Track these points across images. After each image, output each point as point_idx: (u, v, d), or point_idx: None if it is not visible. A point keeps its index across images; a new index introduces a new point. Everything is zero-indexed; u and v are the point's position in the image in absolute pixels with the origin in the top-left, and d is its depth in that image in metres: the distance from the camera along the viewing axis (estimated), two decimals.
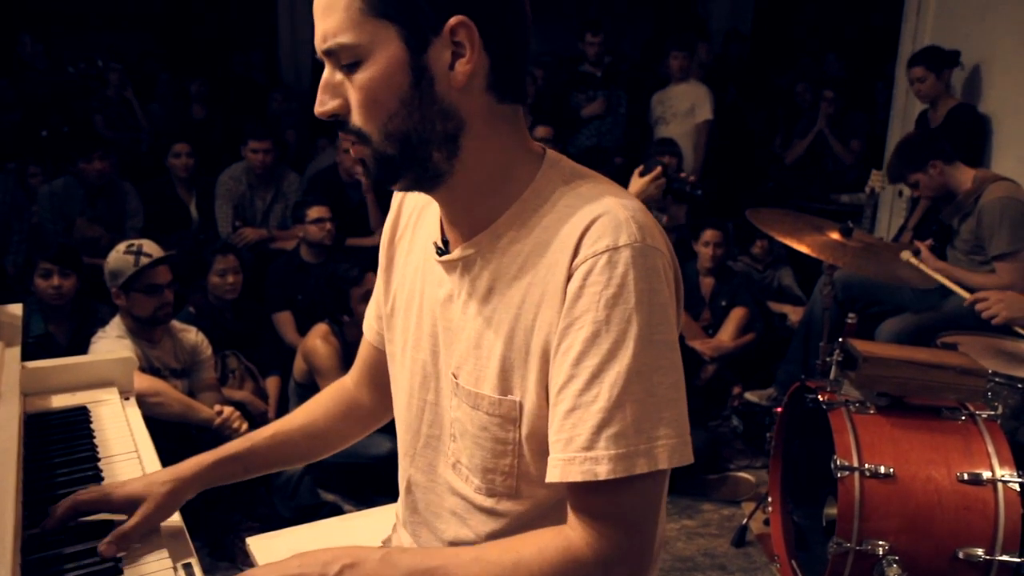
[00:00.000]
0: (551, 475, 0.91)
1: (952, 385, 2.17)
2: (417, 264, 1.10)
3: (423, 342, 1.07)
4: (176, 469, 1.16)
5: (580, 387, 0.89)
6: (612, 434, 0.87)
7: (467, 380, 1.00)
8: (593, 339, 0.88)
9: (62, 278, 3.03)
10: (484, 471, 1.01)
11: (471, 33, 0.88)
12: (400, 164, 0.94)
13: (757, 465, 3.25)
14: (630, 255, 0.88)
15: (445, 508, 1.09)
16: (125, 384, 1.66)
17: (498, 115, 0.94)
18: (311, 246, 3.81)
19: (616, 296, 0.88)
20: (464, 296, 1.00)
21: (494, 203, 0.97)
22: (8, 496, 0.94)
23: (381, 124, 0.91)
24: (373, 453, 2.80)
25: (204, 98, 5.90)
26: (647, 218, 0.93)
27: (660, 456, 0.88)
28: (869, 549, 2.08)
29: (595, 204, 0.93)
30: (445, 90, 0.90)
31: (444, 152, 0.93)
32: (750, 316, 3.83)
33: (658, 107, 5.25)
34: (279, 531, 1.65)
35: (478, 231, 0.98)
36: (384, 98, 0.90)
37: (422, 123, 0.91)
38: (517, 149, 0.98)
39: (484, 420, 0.99)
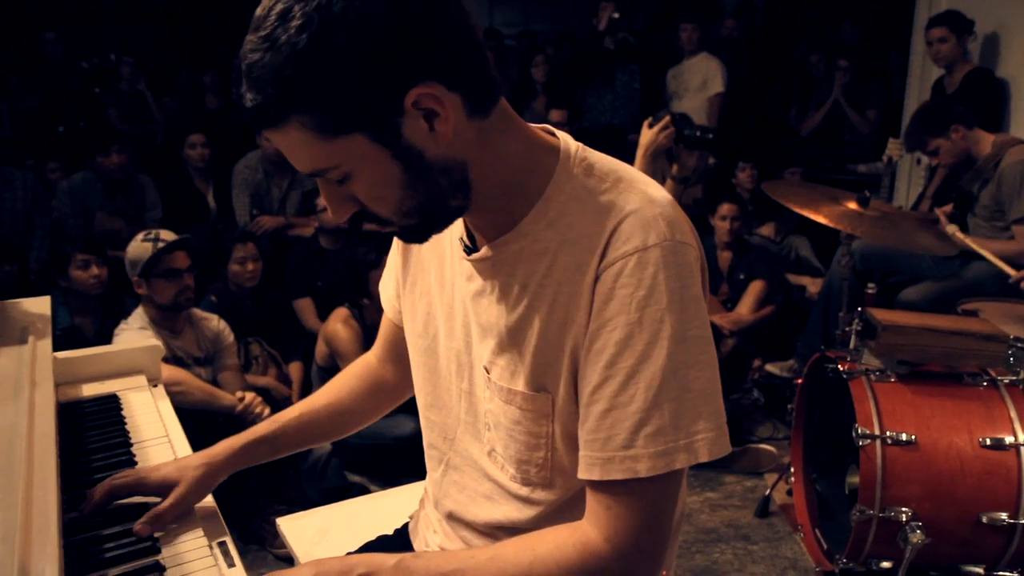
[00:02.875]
0: (588, 472, 0.92)
1: (973, 351, 2.17)
2: (442, 252, 1.09)
3: (456, 331, 1.07)
4: (208, 453, 1.19)
5: (615, 389, 0.89)
6: (650, 432, 0.88)
7: (500, 376, 1.01)
8: (627, 341, 0.88)
9: (99, 267, 3.11)
10: (519, 462, 1.02)
11: (434, 93, 0.83)
12: (427, 226, 0.94)
13: (779, 436, 3.26)
14: (660, 255, 0.88)
15: (480, 492, 1.10)
16: (153, 371, 1.70)
17: (489, 129, 0.91)
18: (328, 233, 3.84)
19: (647, 297, 0.88)
20: (496, 294, 1.00)
21: (516, 204, 0.96)
22: (50, 479, 0.97)
23: (395, 209, 0.90)
24: (397, 434, 2.84)
25: (218, 88, 5.92)
26: (675, 211, 0.93)
27: (700, 450, 0.89)
28: (892, 516, 2.09)
29: (622, 202, 0.92)
30: (435, 152, 0.87)
31: (459, 196, 0.92)
32: (768, 289, 3.83)
33: (672, 82, 5.23)
34: (309, 511, 1.68)
35: (504, 231, 0.97)
36: (387, 193, 0.89)
37: (429, 191, 0.89)
38: (525, 149, 0.95)
39: (517, 415, 0.99)
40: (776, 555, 2.54)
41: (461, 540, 1.15)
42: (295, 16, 0.79)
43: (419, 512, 1.32)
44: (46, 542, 0.84)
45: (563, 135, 1.00)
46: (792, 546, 2.59)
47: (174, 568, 1.04)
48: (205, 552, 1.08)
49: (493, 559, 0.92)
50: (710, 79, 5.08)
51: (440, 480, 1.16)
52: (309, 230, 4.11)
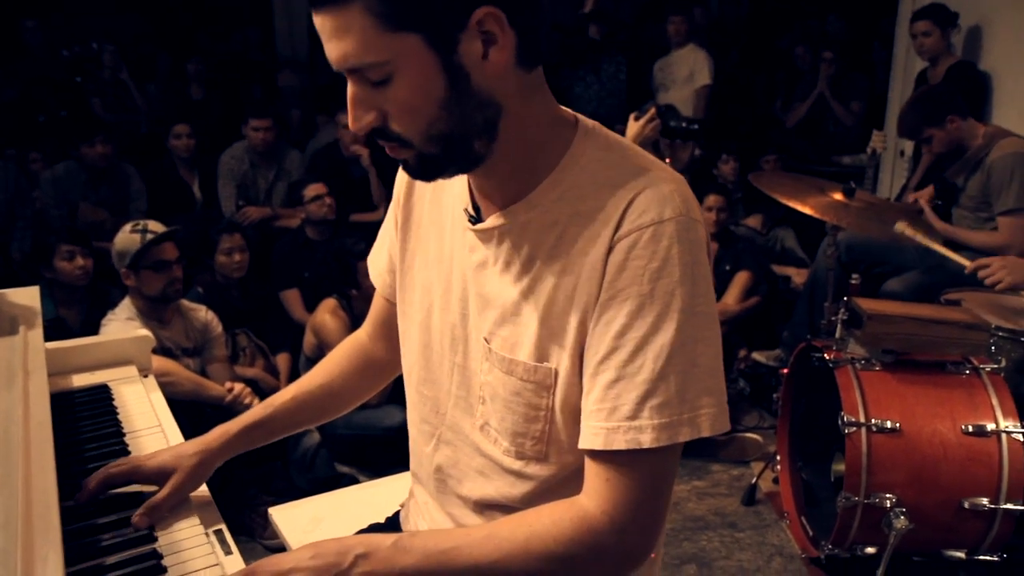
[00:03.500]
0: (590, 442, 0.92)
1: (956, 340, 2.20)
2: (442, 225, 1.09)
3: (452, 304, 1.07)
4: (203, 440, 1.19)
5: (624, 358, 0.90)
6: (656, 404, 0.88)
7: (501, 346, 1.01)
8: (638, 311, 0.89)
9: (84, 258, 3.09)
10: (514, 435, 1.02)
11: (499, 20, 0.85)
12: (444, 161, 0.93)
13: (764, 425, 3.29)
14: (675, 228, 0.89)
15: (472, 467, 1.10)
16: (143, 362, 1.69)
17: (528, 86, 0.93)
18: (315, 224, 3.83)
19: (660, 269, 0.88)
20: (501, 264, 1.00)
21: (530, 174, 0.96)
22: (48, 466, 0.97)
23: (423, 130, 0.89)
24: (386, 424, 2.85)
25: (201, 78, 5.88)
26: (688, 190, 0.94)
27: (703, 424, 0.90)
28: (877, 502, 2.12)
29: (638, 177, 0.93)
30: (481, 81, 0.87)
31: (484, 139, 0.92)
32: (754, 280, 3.85)
33: (659, 74, 5.25)
34: (301, 500, 1.68)
35: (513, 201, 0.97)
36: (423, 106, 0.87)
37: (463, 119, 0.89)
38: (550, 119, 0.97)
39: (518, 386, 1.00)
40: (762, 542, 2.57)
41: (451, 517, 1.15)
42: None
43: (409, 500, 1.33)
44: (48, 529, 0.85)
45: (581, 116, 1.01)
46: (778, 533, 2.62)
47: (171, 556, 1.05)
48: (202, 540, 1.09)
49: (489, 536, 0.93)
50: (697, 71, 5.10)
51: (432, 454, 1.16)
52: (295, 221, 4.10)
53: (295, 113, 5.88)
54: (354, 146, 4.31)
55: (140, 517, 1.09)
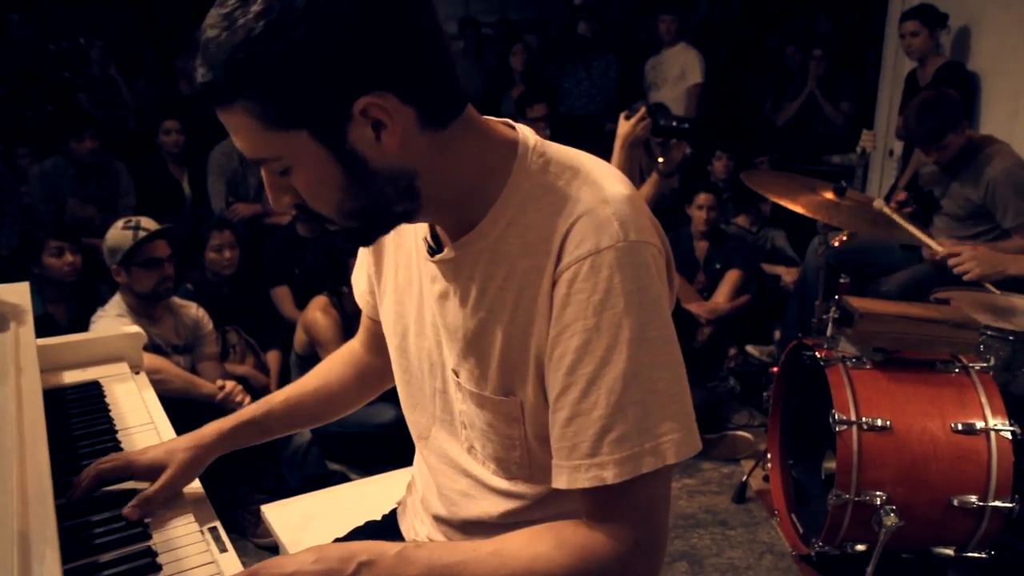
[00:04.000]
0: (558, 482, 0.91)
1: (946, 339, 2.22)
2: (410, 250, 1.07)
3: (427, 331, 1.06)
4: (196, 435, 1.19)
5: (577, 396, 0.88)
6: (615, 439, 0.87)
7: (467, 380, 1.00)
8: (585, 347, 0.87)
9: (73, 255, 3.07)
10: (497, 459, 1.03)
11: (384, 105, 0.81)
12: (369, 230, 0.93)
13: (755, 424, 3.31)
14: (614, 257, 0.86)
15: (456, 491, 1.10)
16: (135, 358, 1.68)
17: (445, 141, 0.89)
18: None
19: (603, 301, 0.86)
20: (459, 296, 0.98)
21: (476, 205, 0.93)
22: (43, 463, 0.96)
23: (335, 209, 0.88)
24: (377, 421, 2.84)
25: (190, 73, 5.83)
26: (631, 208, 0.90)
27: (667, 452, 0.87)
28: (867, 500, 2.13)
29: (574, 203, 0.89)
30: (380, 161, 0.85)
31: (406, 202, 0.90)
32: (744, 278, 3.87)
33: (651, 72, 5.26)
34: (293, 498, 1.68)
35: (466, 230, 0.95)
36: (326, 193, 0.87)
37: (373, 196, 0.87)
38: (483, 152, 0.93)
39: (489, 417, 0.99)
40: (753, 540, 2.58)
41: (443, 534, 1.16)
42: (257, 1, 0.77)
43: (407, 499, 1.32)
44: (44, 526, 0.84)
45: (523, 129, 0.97)
46: (769, 531, 2.63)
47: (166, 554, 1.04)
48: (197, 537, 1.08)
49: (496, 553, 0.91)
50: (688, 70, 5.11)
51: (423, 475, 1.17)
52: (286, 218, 4.07)
53: None
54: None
55: (132, 509, 1.08)
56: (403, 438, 1.24)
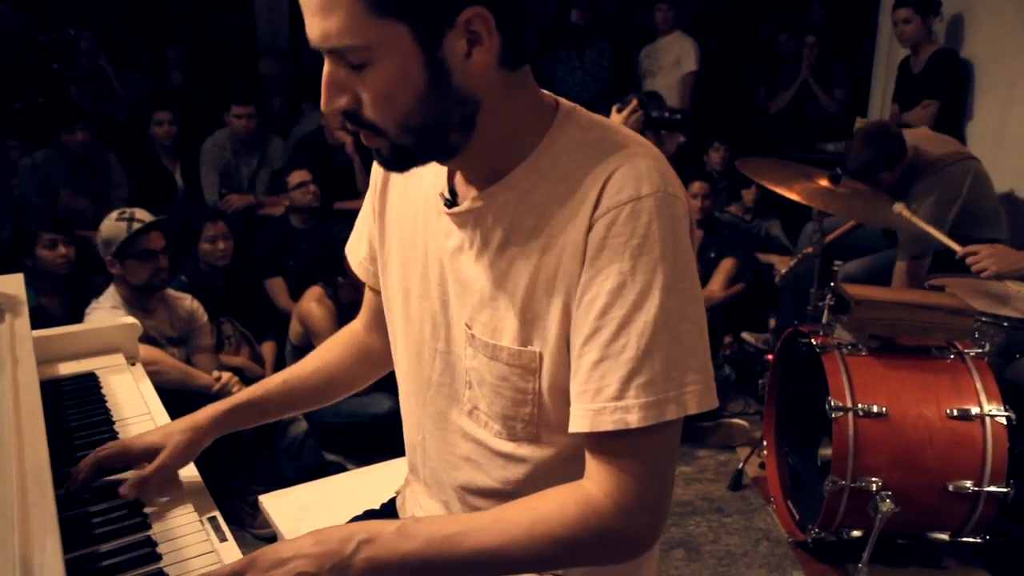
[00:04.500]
0: (578, 425, 0.91)
1: (941, 325, 2.23)
2: (416, 212, 1.08)
3: (431, 291, 1.06)
4: (192, 418, 1.19)
5: (608, 338, 0.89)
6: (642, 383, 0.87)
7: (482, 331, 1.00)
8: (619, 290, 0.88)
9: (66, 247, 3.06)
10: (504, 418, 1.02)
11: (487, 21, 0.84)
12: (417, 152, 0.92)
13: (750, 411, 3.32)
14: (653, 204, 0.88)
15: (457, 455, 1.09)
16: (130, 350, 1.68)
17: (510, 84, 0.92)
18: (299, 211, 3.80)
19: (641, 246, 0.87)
20: (477, 248, 0.99)
21: (508, 157, 0.96)
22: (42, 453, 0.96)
23: (398, 120, 0.88)
24: (373, 412, 2.84)
25: (182, 64, 5.80)
26: (667, 166, 0.93)
27: (689, 402, 0.88)
28: (863, 486, 2.14)
29: (615, 154, 0.92)
30: (462, 79, 0.87)
31: (460, 133, 0.91)
32: (739, 266, 3.87)
33: (645, 60, 5.25)
34: (291, 488, 1.67)
35: (491, 182, 0.96)
36: (400, 96, 0.86)
37: (440, 114, 0.88)
38: (530, 106, 0.96)
39: (504, 370, 0.99)
40: (749, 526, 2.60)
41: (444, 506, 1.15)
42: None
43: (405, 488, 1.32)
44: (44, 516, 0.83)
45: (562, 99, 1.00)
46: (765, 517, 2.64)
47: (166, 543, 1.04)
48: (196, 527, 1.08)
49: (495, 521, 0.91)
50: (683, 58, 5.10)
51: (422, 443, 1.16)
52: (279, 209, 4.06)
53: (277, 100, 5.82)
54: (339, 132, 4.28)
55: (128, 488, 1.08)
56: (398, 428, 1.23)
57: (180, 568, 1.00)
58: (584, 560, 0.94)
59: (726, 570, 2.39)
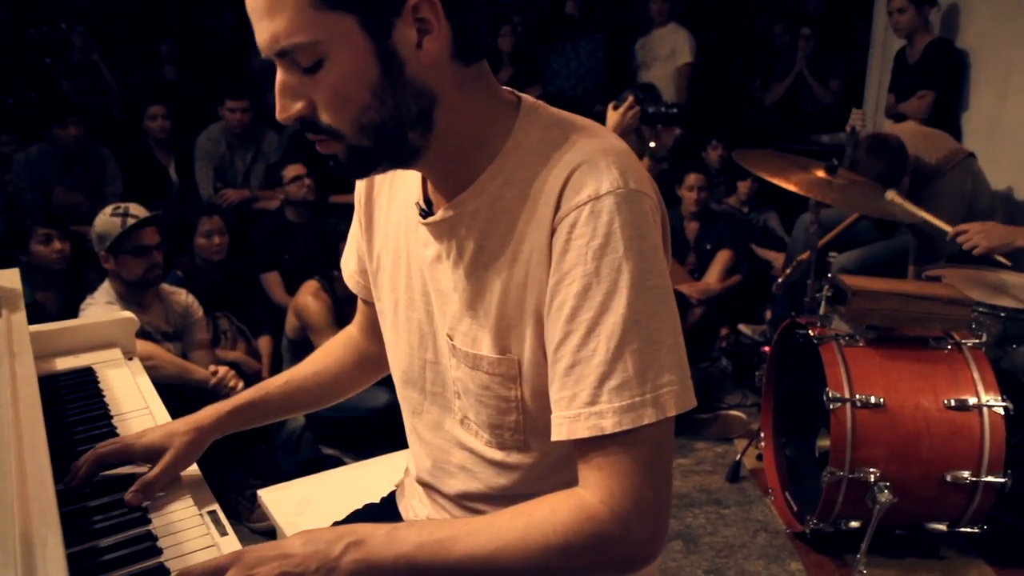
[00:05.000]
0: (557, 434, 0.89)
1: (938, 315, 2.23)
2: (398, 222, 1.06)
3: (416, 302, 1.05)
4: (195, 418, 1.18)
5: (577, 343, 0.87)
6: (615, 386, 0.85)
7: (463, 341, 0.99)
8: (585, 292, 0.86)
9: (61, 242, 3.04)
10: (491, 427, 1.01)
11: (435, 8, 0.83)
12: (376, 154, 0.90)
13: (747, 403, 3.32)
14: (614, 202, 0.86)
15: (453, 463, 1.09)
16: (127, 344, 1.67)
17: (467, 78, 0.90)
18: (295, 205, 3.79)
19: (603, 246, 0.85)
20: (453, 257, 0.97)
21: (474, 162, 0.94)
22: (41, 448, 0.95)
23: (354, 119, 0.86)
24: (371, 405, 2.83)
25: (175, 58, 5.77)
26: (630, 160, 0.90)
27: (667, 403, 0.85)
28: (861, 477, 2.15)
29: (574, 152, 0.90)
30: (415, 70, 0.86)
31: (418, 130, 0.89)
32: (735, 258, 3.88)
33: (640, 52, 5.25)
34: (289, 482, 1.67)
35: (461, 190, 0.94)
36: (355, 93, 0.85)
37: (396, 109, 0.86)
38: (490, 105, 0.94)
39: (485, 379, 0.98)
40: (747, 518, 2.60)
41: (442, 508, 1.15)
42: None
43: (404, 480, 1.32)
44: (45, 510, 0.83)
45: (525, 95, 0.98)
46: (763, 509, 2.64)
47: (166, 538, 1.03)
48: (196, 521, 1.07)
49: (487, 526, 0.89)
50: (678, 49, 5.10)
51: (418, 452, 1.16)
52: (274, 203, 4.05)
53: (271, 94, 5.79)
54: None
55: (133, 495, 1.07)
56: (396, 422, 1.23)
57: (181, 562, 0.99)
58: (580, 569, 0.90)
59: (724, 561, 2.40)
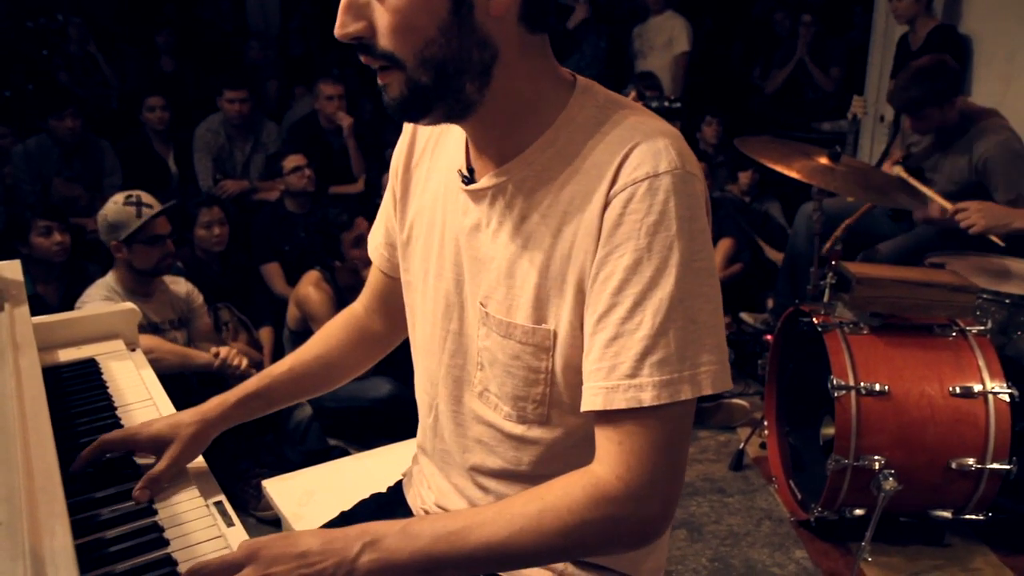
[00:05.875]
0: (591, 403, 0.90)
1: (943, 302, 2.22)
2: (436, 191, 1.08)
3: (446, 271, 1.06)
4: (201, 409, 1.17)
5: (623, 315, 0.88)
6: (656, 361, 0.86)
7: (497, 309, 0.99)
8: (635, 267, 0.87)
9: (61, 234, 3.04)
10: (515, 399, 1.01)
11: None
12: (433, 94, 0.90)
13: (750, 392, 3.32)
14: (671, 182, 0.87)
15: (469, 437, 1.09)
16: (130, 336, 1.65)
17: (529, 45, 0.92)
18: (294, 196, 3.78)
19: (657, 223, 0.87)
20: (494, 225, 0.98)
21: (525, 131, 0.95)
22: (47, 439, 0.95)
23: (417, 49, 0.87)
24: (373, 396, 2.83)
25: (172, 49, 5.75)
26: (684, 144, 0.92)
27: (704, 382, 0.88)
28: (866, 464, 2.15)
29: (633, 131, 0.91)
30: (483, 18, 0.87)
31: (477, 83, 0.90)
32: (737, 247, 3.87)
33: (637, 40, 5.22)
34: (294, 473, 1.67)
35: (508, 159, 0.96)
36: (421, 23, 0.86)
37: (459, 52, 0.87)
38: (547, 77, 0.96)
39: (516, 349, 0.98)
40: (751, 506, 2.60)
41: (455, 488, 1.14)
42: None
43: (412, 468, 1.32)
44: (52, 501, 0.82)
45: (580, 76, 1.00)
46: (766, 497, 2.64)
47: (172, 529, 1.03)
48: (203, 512, 1.07)
49: (500, 513, 0.89)
50: (675, 38, 5.07)
51: (433, 425, 1.15)
52: (274, 194, 4.04)
53: (272, 83, 5.77)
54: (339, 113, 4.25)
55: (140, 491, 1.07)
56: (399, 412, 1.23)
57: (188, 553, 0.99)
58: (594, 547, 0.92)
59: (729, 550, 2.40)
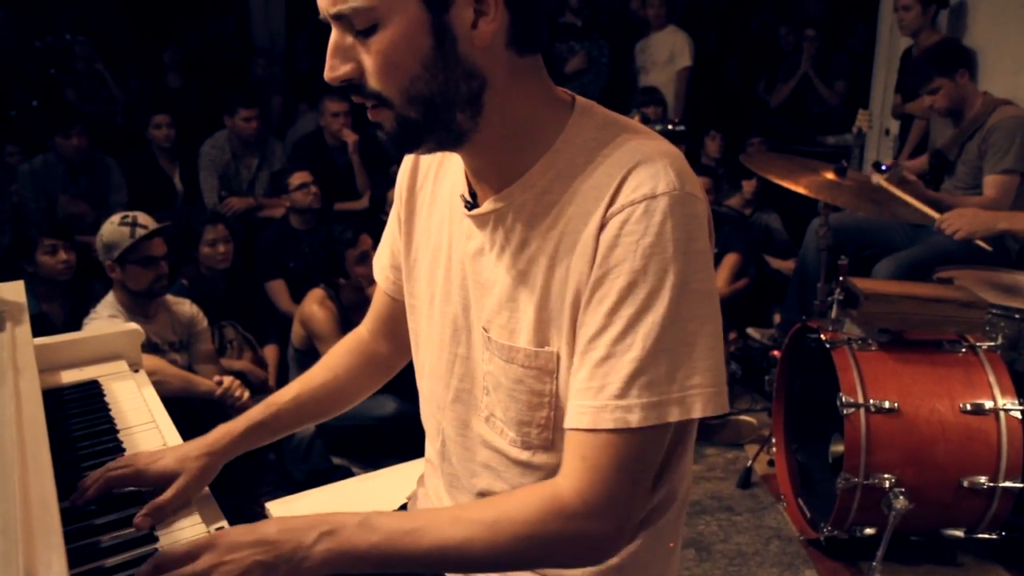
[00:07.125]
0: (578, 421, 0.90)
1: (952, 318, 2.20)
2: (442, 215, 1.08)
3: (453, 295, 1.05)
4: (207, 441, 1.17)
5: (615, 336, 0.88)
6: (645, 382, 0.87)
7: (499, 334, 0.99)
8: (629, 288, 0.87)
9: (67, 252, 3.04)
10: (519, 424, 1.00)
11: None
12: (424, 128, 0.90)
13: (757, 408, 3.29)
14: (668, 203, 0.87)
15: (477, 462, 1.08)
16: (133, 357, 1.65)
17: (520, 69, 0.92)
18: (300, 213, 3.78)
19: (653, 245, 0.86)
20: (496, 249, 0.98)
21: (524, 154, 0.95)
22: (45, 467, 0.93)
23: (403, 87, 0.87)
24: (377, 414, 2.81)
25: (178, 67, 5.78)
26: (684, 165, 0.92)
27: (694, 405, 0.87)
28: (876, 483, 2.12)
29: (632, 152, 0.91)
30: (468, 50, 0.87)
31: (467, 112, 0.90)
32: (743, 262, 3.85)
33: (640, 56, 5.23)
34: (298, 495, 1.65)
35: (508, 183, 0.96)
36: (405, 62, 0.86)
37: (445, 85, 0.88)
38: (542, 99, 0.96)
39: (519, 373, 0.98)
40: (760, 525, 2.57)
41: None
42: None
43: (419, 490, 1.30)
44: (49, 532, 0.81)
45: (579, 96, 1.00)
46: (775, 515, 2.61)
47: None
48: None
49: (457, 517, 0.91)
50: (677, 53, 5.09)
51: (440, 449, 1.14)
52: (279, 211, 4.04)
53: (277, 100, 5.79)
54: (345, 130, 4.26)
55: (143, 519, 1.05)
56: (404, 430, 1.22)
57: None
58: (547, 560, 0.93)
59: (737, 569, 2.37)
